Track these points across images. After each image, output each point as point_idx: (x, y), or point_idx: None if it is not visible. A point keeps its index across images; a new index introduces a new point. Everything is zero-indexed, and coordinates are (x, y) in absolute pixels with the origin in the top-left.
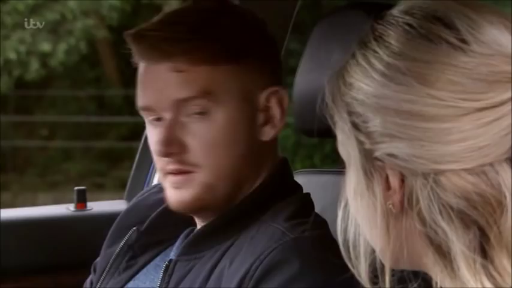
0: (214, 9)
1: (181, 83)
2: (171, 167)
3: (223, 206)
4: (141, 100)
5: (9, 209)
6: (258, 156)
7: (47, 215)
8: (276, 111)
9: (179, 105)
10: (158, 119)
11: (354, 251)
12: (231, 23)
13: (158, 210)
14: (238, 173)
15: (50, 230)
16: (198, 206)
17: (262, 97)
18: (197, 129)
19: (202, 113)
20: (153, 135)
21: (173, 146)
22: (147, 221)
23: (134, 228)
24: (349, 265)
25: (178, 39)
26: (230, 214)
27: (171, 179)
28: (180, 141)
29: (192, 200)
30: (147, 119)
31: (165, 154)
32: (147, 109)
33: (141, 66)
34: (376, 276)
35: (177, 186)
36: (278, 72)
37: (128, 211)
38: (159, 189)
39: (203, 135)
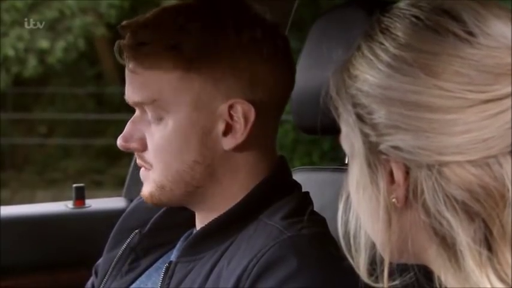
0: (191, 11)
1: (136, 85)
2: (138, 160)
3: (188, 204)
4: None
5: (7, 206)
6: (224, 164)
7: (45, 212)
8: (238, 123)
9: (137, 106)
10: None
11: (354, 243)
12: (201, 30)
13: (159, 212)
14: (191, 177)
15: (48, 227)
16: (155, 202)
17: (223, 107)
18: (153, 131)
19: (158, 118)
20: None
21: (131, 143)
22: (149, 224)
23: (136, 231)
24: (349, 257)
25: (134, 44)
26: (228, 215)
27: (140, 172)
28: (141, 139)
29: (148, 195)
30: None
31: (122, 148)
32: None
33: None
34: (374, 269)
35: (142, 179)
36: (254, 83)
37: (128, 214)
38: None
39: (156, 139)
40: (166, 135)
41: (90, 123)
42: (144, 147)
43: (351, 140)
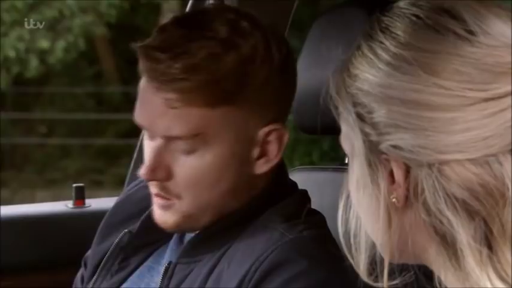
0: (223, 39)
1: (173, 120)
2: (154, 190)
3: (206, 226)
4: (136, 116)
5: (7, 206)
6: (248, 185)
7: (45, 212)
8: (273, 146)
9: (169, 138)
10: (152, 137)
11: (354, 243)
12: (238, 59)
13: (149, 211)
14: (222, 205)
15: (48, 227)
16: (180, 230)
17: (261, 133)
18: (184, 162)
19: (191, 151)
20: (146, 148)
21: (158, 173)
22: (139, 223)
23: (126, 230)
24: (348, 256)
25: (176, 77)
26: (228, 220)
27: (156, 200)
28: (167, 167)
29: (173, 224)
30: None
31: (149, 179)
32: (141, 126)
33: (142, 82)
34: (374, 269)
35: (161, 208)
36: (285, 107)
37: (116, 207)
38: None
39: (189, 170)
40: (203, 167)
41: (89, 122)
42: (169, 177)
43: (351, 139)
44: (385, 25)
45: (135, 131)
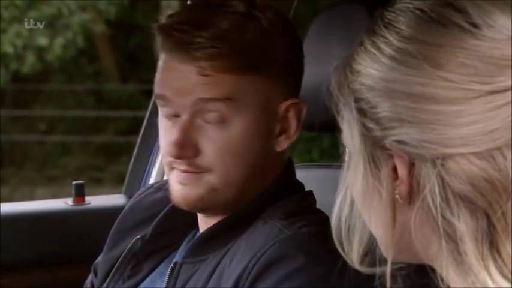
0: (243, 12)
1: (206, 84)
2: (181, 167)
3: (224, 208)
4: (161, 88)
5: (7, 203)
6: (267, 165)
7: (45, 209)
8: (292, 122)
9: (199, 105)
10: (175, 115)
11: (349, 240)
12: (260, 30)
13: (160, 216)
14: (246, 181)
15: (48, 224)
16: (200, 206)
17: (281, 107)
18: (213, 134)
19: (221, 120)
20: (166, 131)
21: (186, 150)
22: (151, 229)
23: (138, 236)
24: (342, 253)
25: (204, 45)
26: (234, 218)
27: (179, 175)
28: (194, 144)
29: (195, 199)
30: (163, 111)
31: (178, 157)
32: (164, 98)
33: (164, 58)
34: (374, 263)
35: (184, 183)
36: (299, 82)
37: (125, 214)
38: (156, 189)
39: (219, 141)
40: (232, 137)
41: (89, 120)
42: (197, 153)
43: (352, 136)
44: (388, 20)
45: (134, 128)
